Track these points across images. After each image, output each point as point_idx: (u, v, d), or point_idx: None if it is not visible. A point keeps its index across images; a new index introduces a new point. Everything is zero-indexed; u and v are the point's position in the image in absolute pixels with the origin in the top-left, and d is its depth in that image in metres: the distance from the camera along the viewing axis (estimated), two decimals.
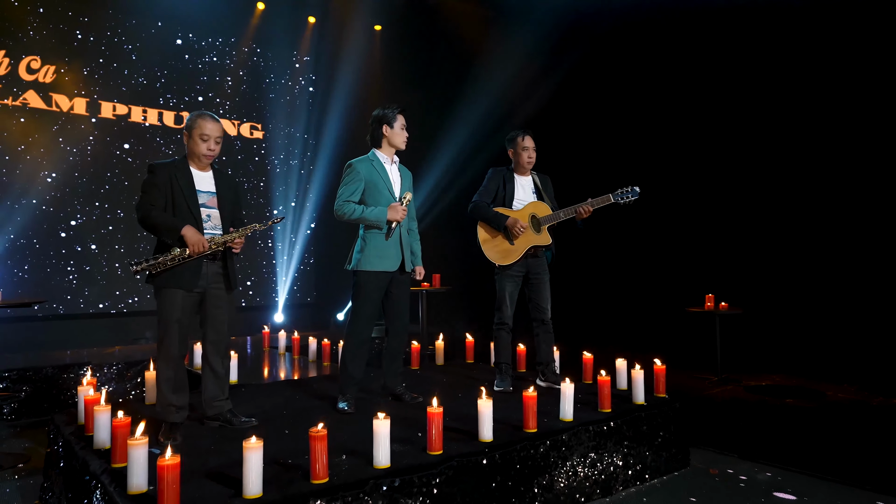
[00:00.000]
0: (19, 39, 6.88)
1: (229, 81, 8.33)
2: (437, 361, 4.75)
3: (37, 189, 6.90)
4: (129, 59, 7.55)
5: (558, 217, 3.79)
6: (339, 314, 8.58)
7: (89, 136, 7.26)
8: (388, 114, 3.48)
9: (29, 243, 6.82)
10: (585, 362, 4.09)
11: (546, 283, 3.94)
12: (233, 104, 8.35)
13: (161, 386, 2.77)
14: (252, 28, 8.40)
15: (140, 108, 7.60)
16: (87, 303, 7.15)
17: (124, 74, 7.52)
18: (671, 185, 6.17)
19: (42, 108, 6.98)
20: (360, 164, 3.42)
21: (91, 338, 6.73)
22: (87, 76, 7.27)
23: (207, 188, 2.97)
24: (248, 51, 8.50)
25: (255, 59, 8.59)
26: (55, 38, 7.09)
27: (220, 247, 2.87)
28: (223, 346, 2.98)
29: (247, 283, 8.35)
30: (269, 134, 8.64)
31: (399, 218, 3.33)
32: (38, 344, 6.43)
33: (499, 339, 3.90)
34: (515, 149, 3.94)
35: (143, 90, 7.64)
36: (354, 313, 3.38)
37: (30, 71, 6.96)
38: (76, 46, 7.22)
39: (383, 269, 3.37)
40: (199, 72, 8.08)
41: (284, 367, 4.96)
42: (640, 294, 6.45)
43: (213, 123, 2.92)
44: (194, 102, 8.02)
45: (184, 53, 7.97)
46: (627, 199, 3.75)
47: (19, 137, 6.83)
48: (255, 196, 8.49)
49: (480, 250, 3.86)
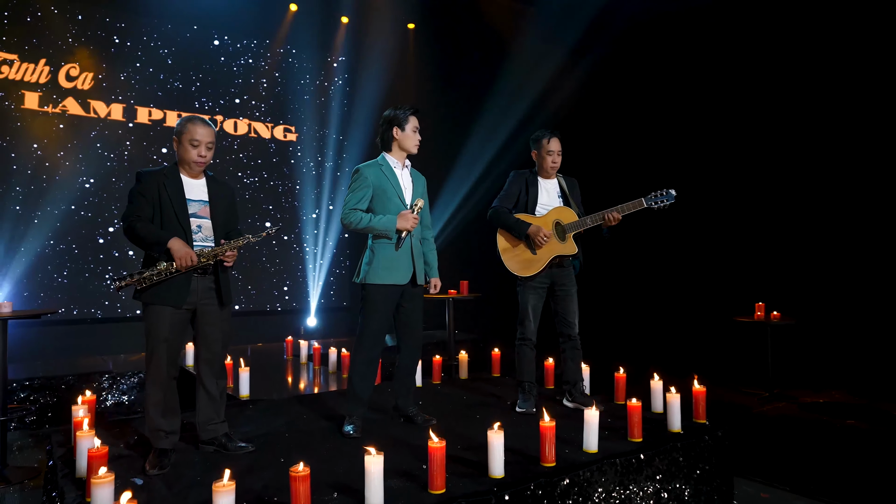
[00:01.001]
0: (59, 47, 6.96)
1: (264, 84, 8.27)
2: (461, 375, 4.51)
3: (75, 195, 6.97)
4: (164, 63, 7.57)
5: (585, 224, 3.48)
6: None
7: (126, 142, 7.31)
8: (400, 115, 3.25)
9: (68, 248, 6.90)
10: (618, 381, 3.77)
11: (573, 295, 3.63)
12: (267, 107, 8.30)
13: (149, 409, 2.61)
14: (285, 30, 8.33)
15: (175, 113, 7.61)
16: (123, 307, 7.19)
17: (160, 79, 7.54)
18: (712, 182, 5.69)
19: (80, 115, 7.06)
20: (368, 170, 3.20)
21: (126, 343, 6.76)
22: (123, 81, 7.31)
23: (199, 197, 2.80)
24: (282, 53, 8.43)
25: (290, 61, 8.51)
26: (93, 45, 7.15)
27: (210, 260, 2.69)
28: (218, 366, 2.80)
29: (283, 288, 8.29)
30: (302, 136, 8.55)
31: (409, 227, 3.09)
32: (73, 349, 6.50)
33: (521, 355, 3.62)
34: (540, 151, 3.65)
35: (179, 94, 7.65)
36: (362, 330, 3.16)
37: (69, 78, 7.04)
38: (113, 52, 7.27)
39: (393, 281, 3.14)
40: (234, 74, 8.05)
41: (304, 379, 4.80)
42: (680, 303, 5.96)
43: (203, 128, 2.74)
44: (229, 105, 7.99)
45: (218, 56, 7.95)
46: (662, 204, 3.41)
47: (58, 144, 6.92)
48: (290, 199, 8.42)
49: (500, 260, 3.58)
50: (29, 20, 6.78)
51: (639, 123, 6.29)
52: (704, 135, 5.78)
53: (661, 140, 6.10)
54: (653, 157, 6.09)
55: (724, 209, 5.65)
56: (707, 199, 5.68)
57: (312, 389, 4.36)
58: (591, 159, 6.32)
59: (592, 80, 6.63)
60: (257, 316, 8.07)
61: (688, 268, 5.93)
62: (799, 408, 4.55)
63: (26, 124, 6.77)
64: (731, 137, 5.58)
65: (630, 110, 6.35)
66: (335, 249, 8.72)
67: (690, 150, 5.88)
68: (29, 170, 6.73)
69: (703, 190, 5.62)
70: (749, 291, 5.13)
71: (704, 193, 5.64)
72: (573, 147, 5.35)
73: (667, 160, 5.95)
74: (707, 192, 5.67)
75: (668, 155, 5.99)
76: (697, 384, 3.33)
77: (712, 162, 5.71)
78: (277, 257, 8.29)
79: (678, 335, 5.79)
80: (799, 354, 5.17)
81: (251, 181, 8.13)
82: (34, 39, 6.81)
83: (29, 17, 6.79)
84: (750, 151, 5.48)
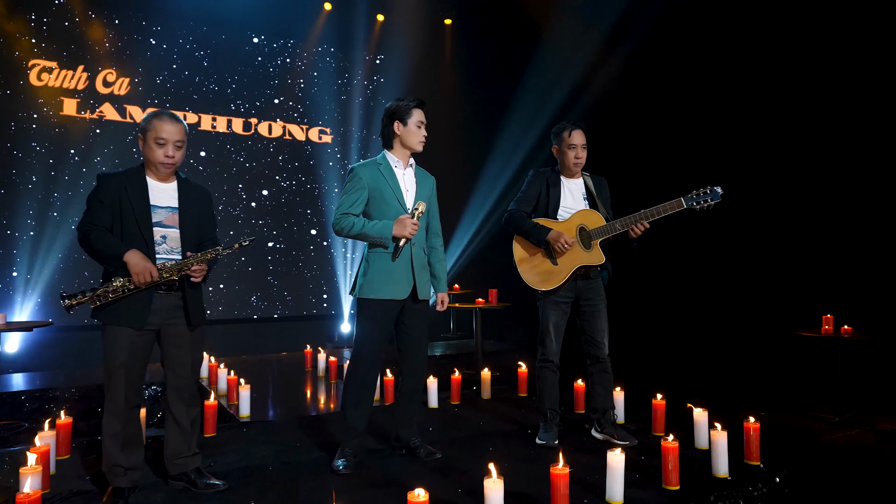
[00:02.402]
0: (96, 53, 6.96)
1: (301, 84, 8.10)
2: (483, 395, 4.11)
3: None
4: (200, 65, 7.48)
5: (614, 229, 3.02)
6: None
7: None
8: (403, 107, 2.89)
9: None
10: (656, 409, 3.29)
11: (601, 311, 3.17)
12: (303, 108, 8.11)
13: (106, 443, 2.34)
14: (320, 30, 8.12)
15: (210, 117, 7.51)
16: None
17: (195, 82, 7.46)
18: (765, 177, 4.99)
19: (117, 120, 7.04)
20: (364, 169, 2.85)
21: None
22: (159, 85, 7.26)
23: (166, 203, 2.51)
24: (317, 53, 8.23)
25: (328, 60, 8.30)
26: (129, 50, 7.13)
27: (174, 275, 2.39)
28: (187, 393, 2.50)
29: (321, 294, 8.09)
30: (338, 137, 8.32)
31: (408, 234, 2.72)
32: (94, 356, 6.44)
33: (542, 379, 3.19)
34: (561, 146, 3.21)
35: (214, 97, 7.55)
36: (357, 351, 2.81)
37: (106, 84, 7.03)
38: (149, 56, 7.22)
39: (391, 296, 2.78)
40: (269, 76, 7.90)
41: (315, 396, 4.49)
42: (731, 316, 5.18)
43: (171, 125, 2.44)
44: (266, 107, 7.84)
45: (254, 58, 7.82)
46: (706, 204, 2.93)
47: (95, 150, 6.91)
48: (328, 202, 8.20)
49: (517, 272, 3.16)
50: (67, 25, 6.80)
51: (681, 115, 5.67)
52: (757, 123, 5.12)
53: (706, 132, 5.44)
54: (696, 152, 5.44)
55: (782, 207, 4.96)
56: (760, 197, 5.00)
57: (319, 408, 4.04)
58: (629, 156, 5.77)
59: (632, 69, 6.04)
60: (296, 322, 7.89)
61: (739, 276, 5.23)
62: (876, 436, 3.94)
63: (65, 131, 6.79)
64: (790, 125, 4.92)
65: (672, 101, 5.73)
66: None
67: (739, 142, 5.20)
68: (66, 176, 6.75)
69: (755, 186, 4.96)
70: (814, 302, 4.50)
71: (756, 190, 4.98)
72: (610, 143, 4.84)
73: (712, 154, 5.29)
74: (760, 188, 4.99)
75: (714, 149, 5.31)
76: (752, 419, 2.82)
77: (763, 155, 5.04)
78: (315, 262, 8.09)
79: (728, 353, 5.11)
80: (875, 374, 4.50)
81: (288, 184, 7.96)
82: (72, 45, 6.83)
83: (67, 23, 6.80)
84: (809, 141, 4.81)
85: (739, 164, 5.04)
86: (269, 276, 7.79)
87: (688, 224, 3.96)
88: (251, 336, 7.48)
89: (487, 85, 7.61)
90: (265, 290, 7.75)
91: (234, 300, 7.56)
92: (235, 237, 7.96)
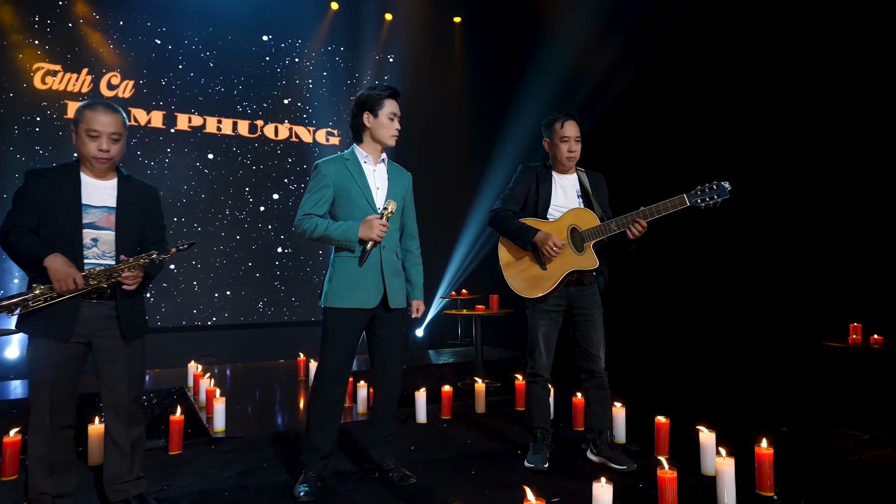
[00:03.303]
0: (100, 55, 6.88)
1: (309, 84, 7.93)
2: (477, 408, 3.83)
3: None
4: (205, 67, 7.36)
5: (609, 230, 2.73)
6: (417, 330, 7.87)
7: (167, 149, 7.14)
8: (373, 97, 2.64)
9: None
10: (659, 429, 2.97)
11: (597, 320, 2.88)
12: (312, 109, 7.94)
13: (32, 467, 2.13)
14: (326, 30, 7.95)
15: (215, 119, 7.38)
16: (163, 319, 7.01)
17: (201, 84, 7.34)
18: (785, 172, 4.56)
19: None
20: (329, 165, 2.61)
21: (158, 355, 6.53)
22: (163, 87, 7.15)
23: (102, 202, 2.28)
24: (323, 53, 8.05)
25: (337, 60, 8.12)
26: (134, 52, 7.03)
27: (104, 282, 2.16)
28: (125, 412, 2.27)
29: None
30: (347, 139, 8.11)
31: (375, 236, 2.47)
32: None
33: (531, 395, 2.91)
34: (552, 138, 2.93)
35: (220, 99, 7.42)
36: (320, 365, 2.57)
37: (110, 87, 6.94)
38: (154, 57, 7.12)
39: (358, 304, 2.53)
40: (276, 77, 7.74)
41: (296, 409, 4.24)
42: (743, 324, 4.73)
43: (105, 115, 2.22)
44: (273, 109, 7.69)
45: (260, 59, 7.67)
46: (711, 201, 2.62)
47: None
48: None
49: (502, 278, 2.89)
50: (70, 26, 6.72)
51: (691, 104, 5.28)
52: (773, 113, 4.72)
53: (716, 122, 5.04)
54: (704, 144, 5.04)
55: (802, 203, 4.53)
56: (775, 192, 4.58)
57: (300, 422, 3.78)
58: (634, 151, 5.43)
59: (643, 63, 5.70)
60: (304, 327, 7.69)
61: (753, 280, 4.79)
62: None
63: (68, 135, 6.70)
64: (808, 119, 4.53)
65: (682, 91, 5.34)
66: None
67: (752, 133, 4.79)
68: None
69: (769, 180, 4.55)
70: (839, 309, 4.11)
71: (770, 184, 4.56)
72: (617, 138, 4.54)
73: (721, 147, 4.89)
74: (774, 182, 4.58)
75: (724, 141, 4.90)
76: (765, 443, 2.50)
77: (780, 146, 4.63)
78: (323, 267, 7.89)
79: (743, 364, 4.71)
80: None
81: (295, 188, 7.78)
82: (76, 48, 6.75)
83: (70, 23, 6.72)
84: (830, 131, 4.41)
85: (752, 157, 4.65)
86: (276, 281, 7.62)
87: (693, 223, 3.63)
88: (257, 342, 7.31)
89: (497, 83, 7.35)
90: (272, 296, 7.58)
91: (240, 306, 7.40)
92: (243, 242, 7.86)
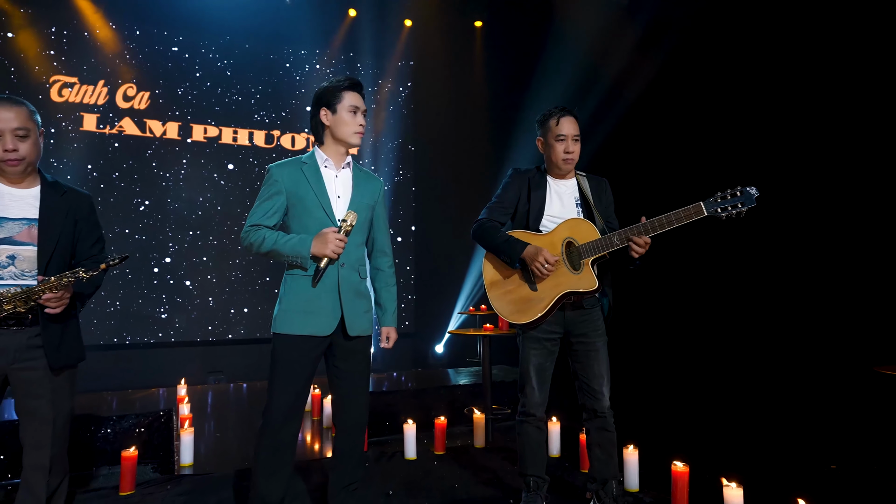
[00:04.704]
0: (116, 66, 6.81)
1: None
2: (476, 442, 3.44)
3: (129, 217, 6.75)
4: (222, 76, 7.22)
5: (610, 244, 2.32)
6: (437, 346, 7.51)
7: (182, 160, 7.01)
8: (330, 89, 2.33)
9: (122, 273, 6.65)
10: (677, 478, 2.53)
11: (599, 350, 2.47)
12: None
13: None
14: (344, 38, 7.74)
15: (231, 130, 7.22)
16: (177, 334, 6.85)
17: (217, 93, 7.20)
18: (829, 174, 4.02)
19: (136, 135, 6.85)
20: (281, 170, 2.30)
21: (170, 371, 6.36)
22: (179, 97, 7.04)
23: (21, 214, 2.02)
24: (341, 61, 7.84)
25: (357, 68, 7.90)
26: (150, 62, 6.94)
27: (20, 306, 1.90)
28: (47, 459, 1.98)
29: None
30: (368, 148, 7.86)
31: (329, 252, 2.14)
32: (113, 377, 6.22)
33: (523, 436, 2.52)
34: (547, 137, 2.55)
35: (237, 108, 7.27)
36: (268, 401, 2.23)
37: (126, 98, 6.86)
38: (170, 67, 7.01)
39: (311, 332, 2.20)
40: (295, 85, 7.57)
41: None
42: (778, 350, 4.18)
43: (5, 110, 1.98)
44: (290, 118, 7.51)
45: (277, 69, 7.51)
46: (734, 210, 2.20)
47: (113, 165, 6.73)
48: None
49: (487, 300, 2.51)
50: (86, 35, 6.66)
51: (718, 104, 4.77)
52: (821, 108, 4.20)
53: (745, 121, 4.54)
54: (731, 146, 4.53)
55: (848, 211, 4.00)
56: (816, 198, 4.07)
57: None
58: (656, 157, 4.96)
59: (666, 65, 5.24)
60: None
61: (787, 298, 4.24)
62: None
63: (83, 146, 6.64)
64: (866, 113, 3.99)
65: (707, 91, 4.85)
66: (408, 268, 7.93)
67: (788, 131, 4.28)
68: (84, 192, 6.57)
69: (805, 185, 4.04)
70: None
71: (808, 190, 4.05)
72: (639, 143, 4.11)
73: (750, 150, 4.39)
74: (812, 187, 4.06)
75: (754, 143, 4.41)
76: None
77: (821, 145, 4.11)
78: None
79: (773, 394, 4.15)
80: None
81: None
82: (92, 59, 6.69)
83: (87, 33, 6.66)
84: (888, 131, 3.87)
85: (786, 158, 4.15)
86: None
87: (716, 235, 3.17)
88: None
89: (519, 87, 6.99)
90: None
91: (257, 320, 7.19)
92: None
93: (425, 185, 7.96)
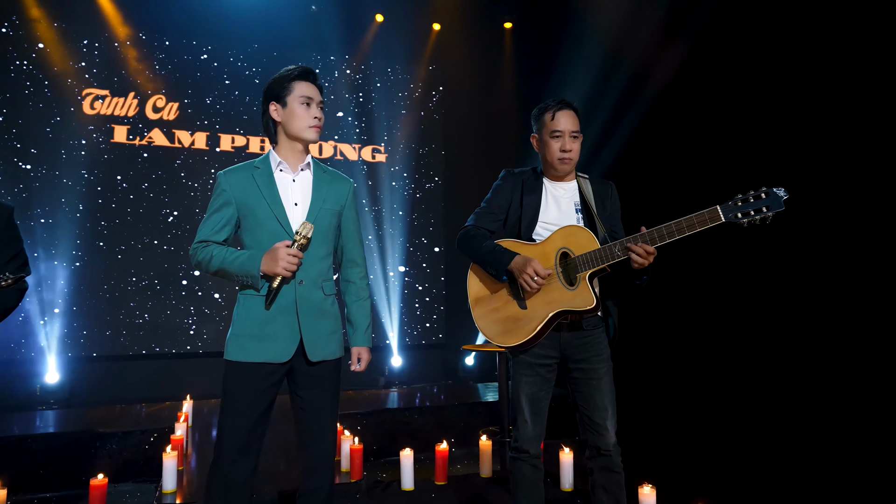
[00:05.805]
0: (146, 77, 6.83)
1: (360, 98, 7.60)
2: (482, 471, 3.14)
3: (158, 228, 6.74)
4: (250, 84, 7.16)
5: (612, 255, 2.01)
6: (466, 359, 7.22)
7: (210, 170, 6.97)
8: (277, 80, 2.11)
9: (150, 284, 6.64)
10: None
11: (602, 378, 2.14)
12: (359, 125, 7.57)
13: None
14: (371, 44, 7.58)
15: (259, 139, 7.14)
16: (205, 345, 6.79)
17: (245, 102, 7.15)
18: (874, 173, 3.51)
19: (165, 145, 6.85)
20: (230, 177, 2.08)
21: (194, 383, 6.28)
22: (208, 107, 7.01)
23: None
24: (369, 67, 7.69)
25: (383, 75, 7.74)
26: (179, 73, 6.94)
27: None
28: None
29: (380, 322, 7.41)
30: (397, 155, 7.67)
31: (280, 270, 1.91)
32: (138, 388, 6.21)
33: (516, 475, 2.21)
34: (542, 133, 2.25)
35: None
36: (218, 434, 2.00)
37: (155, 110, 6.88)
38: (199, 77, 7.00)
39: (264, 358, 1.97)
40: (325, 92, 7.42)
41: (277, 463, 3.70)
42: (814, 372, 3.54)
43: None
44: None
45: None
46: (758, 215, 1.85)
47: (142, 176, 6.74)
48: (388, 226, 7.55)
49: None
50: (117, 46, 6.70)
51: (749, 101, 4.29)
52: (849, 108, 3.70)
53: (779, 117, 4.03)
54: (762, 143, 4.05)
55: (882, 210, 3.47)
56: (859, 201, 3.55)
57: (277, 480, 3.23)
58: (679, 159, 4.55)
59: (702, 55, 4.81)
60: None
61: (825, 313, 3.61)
62: None
63: (114, 158, 6.67)
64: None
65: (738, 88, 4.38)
66: (442, 278, 7.70)
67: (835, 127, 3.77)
68: (113, 203, 6.61)
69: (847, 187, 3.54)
70: None
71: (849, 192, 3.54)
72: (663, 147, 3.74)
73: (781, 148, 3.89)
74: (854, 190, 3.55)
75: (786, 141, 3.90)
76: None
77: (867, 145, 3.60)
78: (373, 288, 7.44)
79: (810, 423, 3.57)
80: None
81: None
82: (123, 71, 6.73)
83: (117, 44, 6.70)
84: None
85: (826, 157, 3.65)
86: None
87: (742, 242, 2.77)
88: None
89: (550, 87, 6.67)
90: None
91: None
92: None
93: (457, 191, 7.72)
